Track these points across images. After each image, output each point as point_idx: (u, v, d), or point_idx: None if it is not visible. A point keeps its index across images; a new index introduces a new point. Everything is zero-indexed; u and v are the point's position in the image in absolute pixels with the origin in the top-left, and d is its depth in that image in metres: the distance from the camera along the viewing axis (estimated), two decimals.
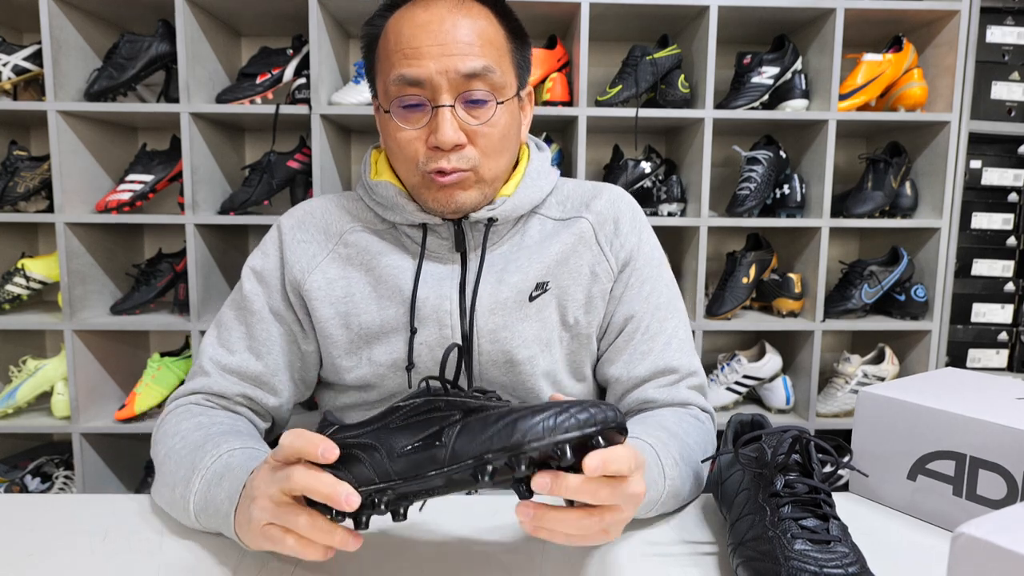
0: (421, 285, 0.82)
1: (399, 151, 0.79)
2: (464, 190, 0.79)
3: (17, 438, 1.86)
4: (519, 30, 0.83)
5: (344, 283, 0.84)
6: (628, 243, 0.87)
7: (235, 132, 1.86)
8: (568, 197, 0.90)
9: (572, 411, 0.49)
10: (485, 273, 0.83)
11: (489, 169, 0.80)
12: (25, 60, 1.62)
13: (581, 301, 0.86)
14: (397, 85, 0.76)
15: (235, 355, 0.84)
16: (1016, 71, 1.79)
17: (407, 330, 0.82)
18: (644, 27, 1.76)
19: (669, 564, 0.63)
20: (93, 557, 0.63)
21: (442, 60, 0.74)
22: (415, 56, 0.75)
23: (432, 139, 0.76)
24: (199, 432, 0.73)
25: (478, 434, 0.50)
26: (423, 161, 0.78)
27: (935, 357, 1.76)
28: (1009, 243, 1.84)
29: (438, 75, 0.75)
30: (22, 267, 1.69)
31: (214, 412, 0.80)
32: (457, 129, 0.76)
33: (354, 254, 0.85)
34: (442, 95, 0.75)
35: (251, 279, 0.87)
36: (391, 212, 0.85)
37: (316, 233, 0.87)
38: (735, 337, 2.01)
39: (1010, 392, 0.75)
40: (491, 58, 0.77)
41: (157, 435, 0.77)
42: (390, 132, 0.80)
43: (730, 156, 1.95)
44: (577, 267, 0.85)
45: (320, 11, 1.57)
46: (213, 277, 1.72)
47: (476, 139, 0.78)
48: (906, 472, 0.73)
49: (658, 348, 0.85)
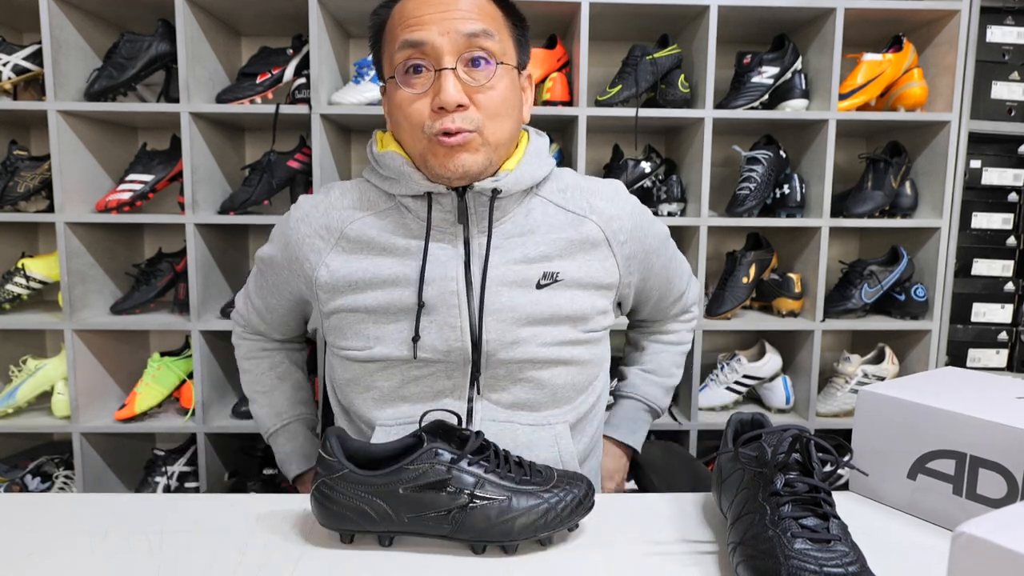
0: (427, 264, 0.84)
1: (404, 119, 0.83)
2: (470, 152, 0.82)
3: (17, 438, 1.86)
4: (517, 13, 0.89)
5: (348, 272, 0.87)
6: (632, 239, 0.93)
7: (235, 132, 1.86)
8: (568, 186, 0.93)
9: (558, 509, 0.64)
10: (491, 253, 0.85)
11: (492, 132, 0.83)
12: (25, 60, 1.62)
13: (594, 293, 0.89)
14: (401, 50, 0.80)
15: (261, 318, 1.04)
16: (1016, 71, 1.79)
17: (413, 310, 0.84)
18: (644, 27, 1.76)
19: (669, 564, 0.63)
20: (93, 557, 0.63)
21: (443, 23, 0.79)
22: (417, 23, 0.80)
23: (436, 100, 0.79)
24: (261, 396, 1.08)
25: (479, 523, 0.63)
26: (428, 124, 0.81)
27: (935, 357, 1.76)
28: (1009, 243, 1.84)
29: (440, 36, 0.79)
30: (22, 267, 1.69)
31: (260, 362, 1.08)
32: (460, 90, 0.79)
33: (355, 246, 0.88)
34: (444, 57, 0.79)
35: (262, 260, 0.98)
36: (397, 184, 0.87)
37: (319, 228, 0.90)
38: (735, 337, 2.01)
39: (1010, 391, 0.75)
40: (491, 25, 0.82)
41: (240, 362, 1.09)
42: (396, 102, 0.83)
43: (730, 156, 1.95)
44: (586, 262, 0.89)
45: (320, 11, 1.57)
46: (213, 277, 1.72)
47: (478, 100, 0.81)
48: (906, 471, 0.73)
49: (681, 287, 1.08)
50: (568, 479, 0.66)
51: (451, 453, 0.64)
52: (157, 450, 1.76)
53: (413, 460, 0.63)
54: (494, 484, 0.63)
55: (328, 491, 0.64)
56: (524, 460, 0.68)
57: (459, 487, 0.63)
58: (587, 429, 0.95)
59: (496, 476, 0.64)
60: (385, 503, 0.63)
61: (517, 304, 0.85)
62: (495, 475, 0.64)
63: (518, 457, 0.68)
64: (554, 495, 0.64)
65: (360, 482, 0.63)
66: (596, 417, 0.98)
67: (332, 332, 0.91)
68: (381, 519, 0.63)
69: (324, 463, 0.64)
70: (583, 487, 0.66)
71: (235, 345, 1.10)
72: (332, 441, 0.65)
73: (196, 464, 1.75)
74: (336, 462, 0.64)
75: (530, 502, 0.63)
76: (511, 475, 0.65)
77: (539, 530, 0.63)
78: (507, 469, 0.65)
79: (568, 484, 0.66)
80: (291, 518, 0.71)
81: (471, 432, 0.67)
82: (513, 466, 0.66)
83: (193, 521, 0.71)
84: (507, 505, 0.63)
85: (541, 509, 0.63)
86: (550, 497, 0.64)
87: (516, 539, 0.63)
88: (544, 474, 0.67)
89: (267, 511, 0.73)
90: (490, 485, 0.63)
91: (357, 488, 0.63)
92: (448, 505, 0.62)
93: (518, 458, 0.68)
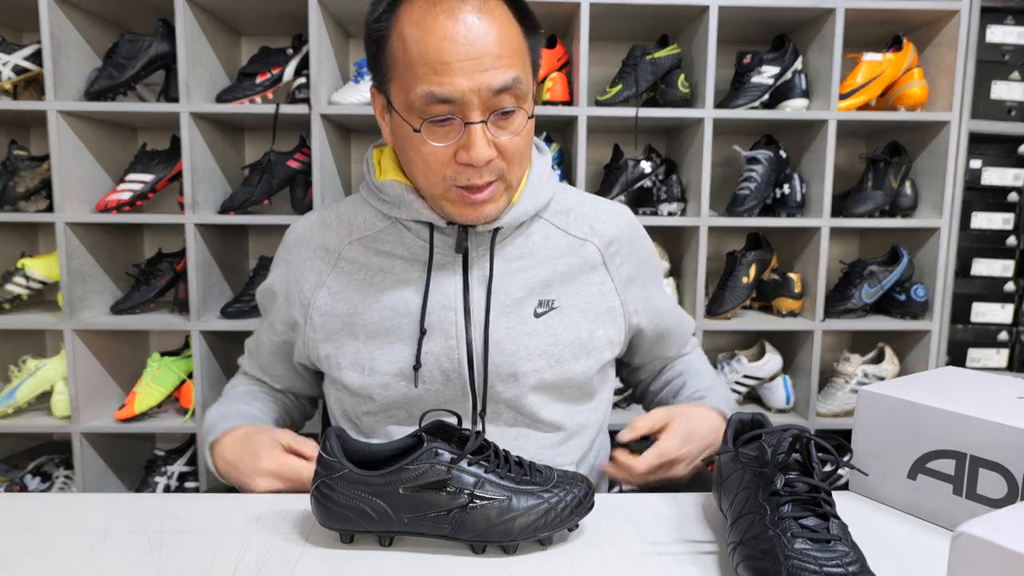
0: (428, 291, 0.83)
1: (423, 164, 0.78)
2: (493, 202, 0.79)
3: (17, 438, 1.86)
4: (532, 22, 0.80)
5: (348, 297, 0.85)
6: (628, 263, 0.92)
7: (235, 132, 1.86)
8: (571, 209, 0.91)
9: (558, 509, 0.64)
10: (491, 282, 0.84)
11: (515, 176, 0.81)
12: (25, 60, 1.62)
13: (594, 321, 0.88)
14: (425, 102, 0.73)
15: (254, 358, 1.00)
16: (1016, 71, 1.79)
17: (412, 337, 0.83)
18: (644, 27, 1.76)
19: (669, 564, 0.63)
20: (93, 557, 0.63)
21: (474, 77, 0.72)
22: (445, 73, 0.72)
23: (464, 156, 0.75)
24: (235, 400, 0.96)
25: (479, 524, 0.63)
26: (451, 175, 0.77)
27: (935, 357, 1.76)
28: (1009, 243, 1.84)
29: (470, 93, 0.72)
30: (22, 267, 1.69)
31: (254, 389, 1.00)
32: (489, 145, 0.75)
33: (355, 267, 0.86)
34: (473, 112, 0.74)
35: (261, 294, 0.97)
36: (397, 209, 0.84)
37: (317, 249, 0.88)
38: (735, 337, 2.01)
39: (1010, 391, 0.75)
40: (517, 67, 0.75)
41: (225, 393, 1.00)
42: (413, 145, 0.77)
43: (730, 156, 1.95)
44: (584, 287, 0.88)
45: (320, 11, 1.57)
46: (213, 277, 1.72)
47: (503, 149, 0.77)
48: (906, 471, 0.73)
49: (676, 336, 1.02)
50: (568, 479, 0.67)
51: (451, 453, 0.64)
52: (157, 450, 1.76)
53: (413, 460, 0.63)
54: (494, 484, 0.64)
55: (328, 491, 0.64)
56: (524, 460, 0.68)
57: (459, 487, 0.63)
58: (589, 459, 0.95)
59: (496, 476, 0.64)
60: (385, 503, 0.63)
61: (514, 335, 0.83)
62: (495, 475, 0.64)
63: (518, 457, 0.68)
64: (554, 495, 0.64)
65: (360, 482, 0.63)
66: (597, 444, 0.96)
67: (326, 362, 0.88)
68: (381, 519, 0.63)
69: (324, 463, 0.65)
70: (583, 487, 0.66)
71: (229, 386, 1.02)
72: (332, 441, 0.65)
73: (196, 464, 1.75)
74: (336, 462, 0.64)
75: (530, 502, 0.63)
76: (511, 475, 0.65)
77: (539, 530, 0.64)
78: (507, 469, 0.66)
79: (568, 484, 0.66)
80: (291, 518, 0.71)
81: (471, 432, 0.67)
82: (513, 466, 0.66)
83: (193, 521, 0.70)
84: (507, 505, 0.63)
85: (541, 509, 0.63)
86: (550, 497, 0.64)
87: (516, 539, 0.63)
88: (544, 474, 0.67)
89: (267, 511, 0.73)
90: (490, 485, 0.63)
91: (357, 488, 0.63)
92: (448, 505, 0.62)
93: (518, 458, 0.68)
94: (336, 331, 0.86)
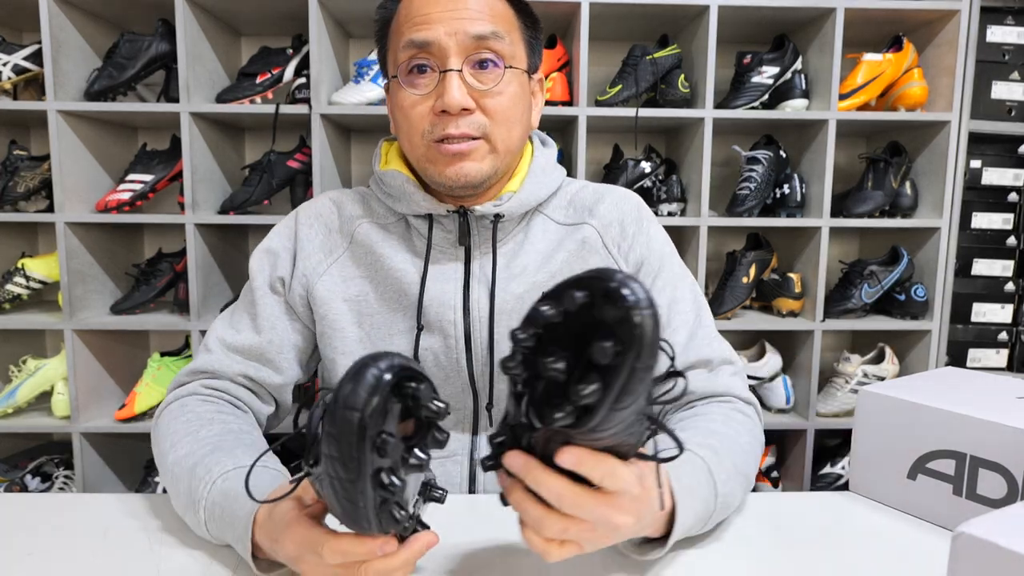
0: (426, 286, 0.82)
1: (405, 120, 0.78)
2: (474, 161, 0.77)
3: (17, 438, 1.86)
4: (530, 13, 0.83)
5: (358, 282, 0.84)
6: (637, 244, 0.86)
7: (235, 132, 1.86)
8: (573, 200, 0.89)
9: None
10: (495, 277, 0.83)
11: (501, 138, 0.78)
12: (25, 60, 1.62)
13: None
14: (405, 49, 0.76)
15: (240, 333, 0.83)
16: (1016, 71, 1.79)
17: (412, 331, 0.82)
18: (644, 27, 1.76)
19: (669, 564, 0.63)
20: (93, 557, 0.63)
21: (451, 23, 0.74)
22: (424, 22, 0.75)
23: (439, 103, 0.75)
24: (189, 445, 0.70)
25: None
26: (429, 129, 0.76)
27: (935, 357, 1.76)
28: (1009, 243, 1.84)
29: (446, 36, 0.74)
30: (22, 267, 1.69)
31: (204, 410, 0.76)
32: (465, 93, 0.75)
33: (362, 254, 0.85)
34: (450, 58, 0.74)
35: (258, 256, 0.87)
36: (399, 203, 0.84)
37: (332, 231, 0.86)
38: (735, 337, 2.01)
39: (1010, 391, 0.75)
40: (501, 27, 0.76)
41: (155, 432, 0.76)
42: (398, 103, 0.78)
43: (730, 156, 1.95)
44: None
45: (320, 11, 1.57)
46: (213, 277, 1.72)
47: (485, 104, 0.76)
48: (906, 471, 0.73)
49: (682, 341, 0.83)
50: None
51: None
52: None
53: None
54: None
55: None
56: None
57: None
58: None
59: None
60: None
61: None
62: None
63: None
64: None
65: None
66: None
67: (322, 339, 0.85)
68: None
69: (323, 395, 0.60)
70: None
71: (162, 406, 0.80)
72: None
73: None
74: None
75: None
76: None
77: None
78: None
79: None
80: None
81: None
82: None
83: None
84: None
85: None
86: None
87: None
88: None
89: None
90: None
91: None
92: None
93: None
94: (344, 314, 0.84)
